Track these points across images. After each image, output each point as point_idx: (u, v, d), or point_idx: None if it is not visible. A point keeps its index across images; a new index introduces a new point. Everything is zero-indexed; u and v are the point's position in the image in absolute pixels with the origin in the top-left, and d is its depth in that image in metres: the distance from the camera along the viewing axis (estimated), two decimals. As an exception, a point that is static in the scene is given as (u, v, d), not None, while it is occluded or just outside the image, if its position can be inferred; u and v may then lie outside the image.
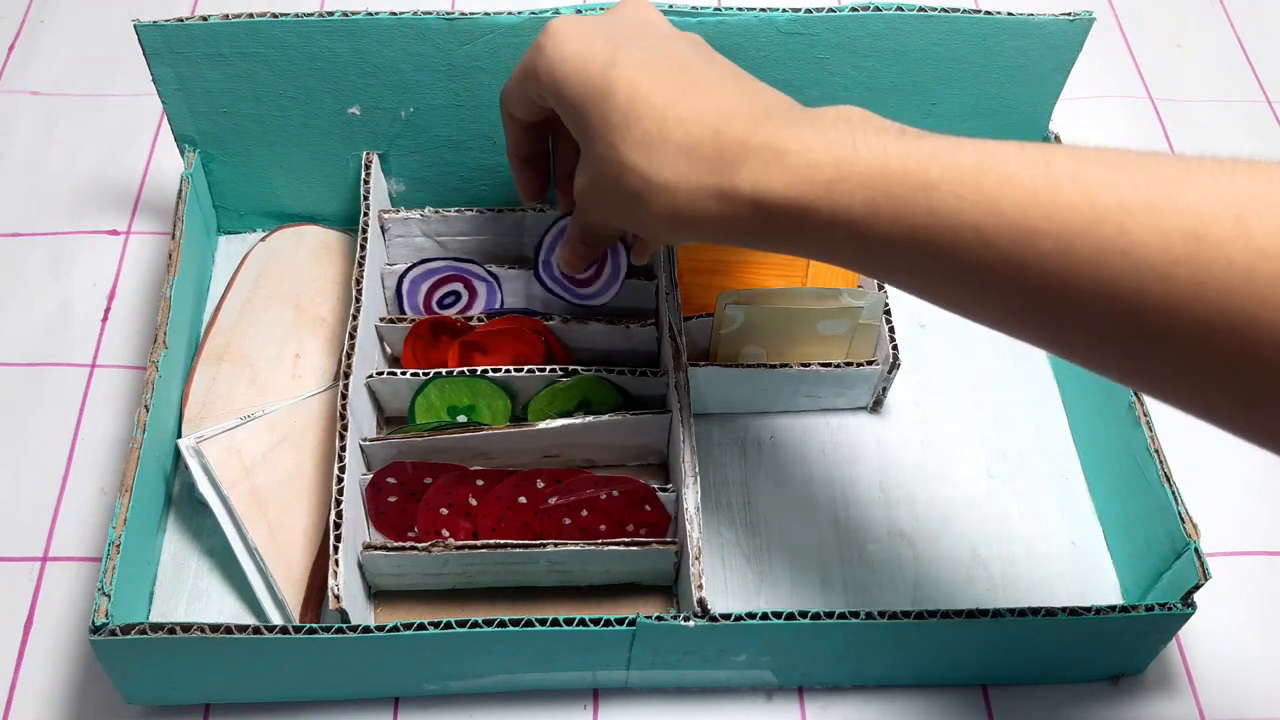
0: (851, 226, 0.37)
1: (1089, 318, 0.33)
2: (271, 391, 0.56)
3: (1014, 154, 0.35)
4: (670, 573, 0.53)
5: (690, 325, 0.57)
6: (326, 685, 0.50)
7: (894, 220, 0.36)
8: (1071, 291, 0.33)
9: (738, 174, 0.39)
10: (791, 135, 0.39)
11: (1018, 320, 0.36)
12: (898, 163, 0.36)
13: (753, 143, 0.39)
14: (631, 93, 0.42)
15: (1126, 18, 0.81)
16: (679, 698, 0.51)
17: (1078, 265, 0.33)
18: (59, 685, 0.51)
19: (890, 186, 0.36)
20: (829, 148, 0.38)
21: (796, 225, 0.39)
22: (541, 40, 0.45)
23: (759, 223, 0.40)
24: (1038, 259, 0.33)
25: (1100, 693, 0.53)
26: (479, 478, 0.53)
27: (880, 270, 0.39)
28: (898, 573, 0.55)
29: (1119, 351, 0.34)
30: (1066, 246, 0.33)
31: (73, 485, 0.57)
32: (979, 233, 0.34)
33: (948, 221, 0.35)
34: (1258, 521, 0.58)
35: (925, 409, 0.61)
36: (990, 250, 0.34)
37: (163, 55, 0.56)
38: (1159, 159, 0.33)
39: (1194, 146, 0.74)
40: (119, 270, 0.64)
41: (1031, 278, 0.34)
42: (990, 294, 0.36)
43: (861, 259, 0.39)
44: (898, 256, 0.37)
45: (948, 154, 0.36)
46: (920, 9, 0.57)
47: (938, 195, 0.35)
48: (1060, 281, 0.33)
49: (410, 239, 0.61)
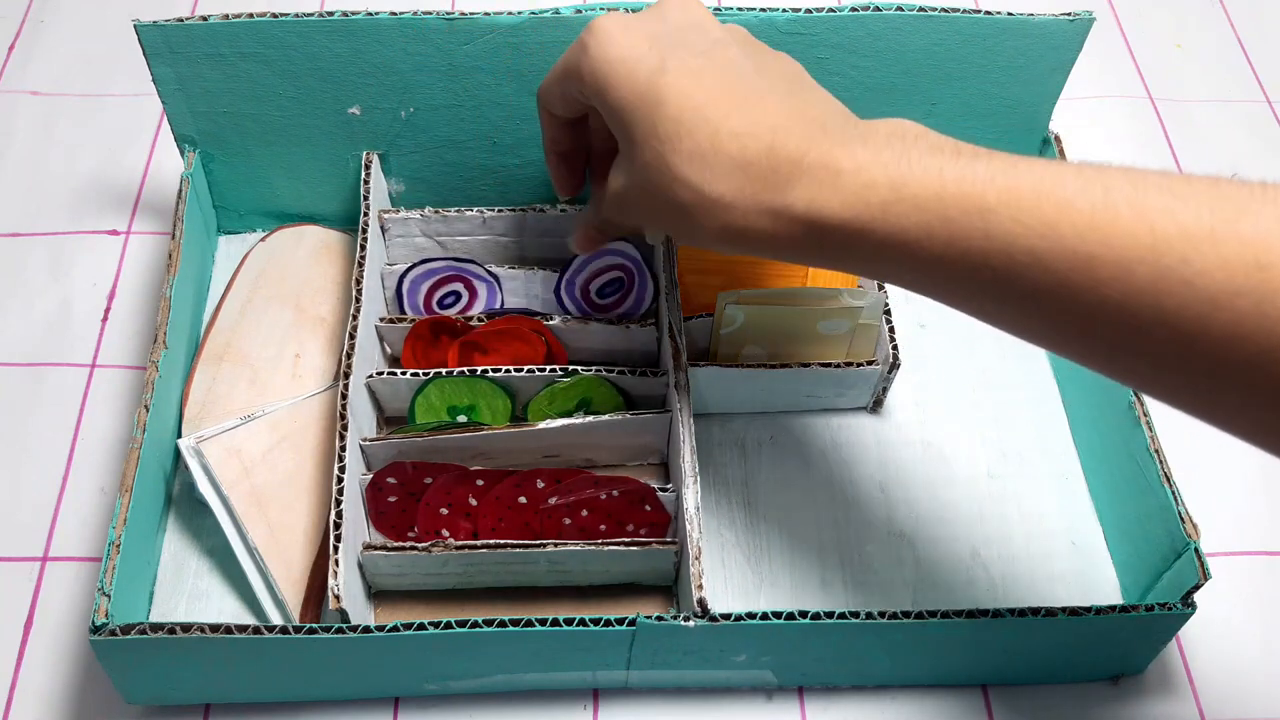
0: (906, 249, 0.37)
1: (1147, 345, 0.33)
2: (271, 391, 0.56)
3: (1072, 178, 0.34)
4: (670, 573, 0.53)
5: (690, 325, 0.57)
6: (326, 685, 0.50)
7: (949, 243, 0.36)
8: (1130, 318, 0.33)
9: (791, 192, 0.39)
10: (846, 154, 0.38)
11: (1074, 344, 0.36)
12: (954, 185, 0.36)
13: (807, 160, 0.39)
14: (683, 103, 0.41)
15: (1126, 18, 0.81)
16: (679, 698, 0.51)
17: (1137, 292, 0.32)
18: (59, 685, 0.51)
19: (946, 210, 0.36)
20: (884, 168, 0.37)
21: (850, 245, 0.38)
22: (585, 39, 0.44)
23: (811, 242, 0.39)
24: (1095, 285, 0.33)
25: (1100, 693, 0.53)
26: (479, 478, 0.53)
27: (934, 291, 0.39)
28: (898, 573, 0.55)
29: (1178, 379, 0.34)
30: (1126, 273, 0.33)
31: (73, 485, 0.57)
32: (1036, 257, 0.34)
33: (1004, 246, 0.35)
34: (1258, 521, 0.58)
35: (925, 409, 0.61)
36: (1047, 275, 0.34)
37: (163, 55, 0.56)
38: (1217, 185, 0.33)
39: (1194, 146, 0.74)
40: (119, 270, 0.64)
41: (1089, 304, 0.34)
42: (1046, 318, 0.35)
43: (916, 280, 0.39)
44: (953, 279, 0.37)
45: (1004, 176, 0.35)
46: (920, 9, 0.57)
47: (994, 219, 0.35)
48: (1119, 308, 0.33)
49: (410, 239, 0.61)
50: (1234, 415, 0.34)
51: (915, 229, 0.37)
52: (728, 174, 0.40)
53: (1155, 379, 0.35)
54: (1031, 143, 0.64)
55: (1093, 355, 0.36)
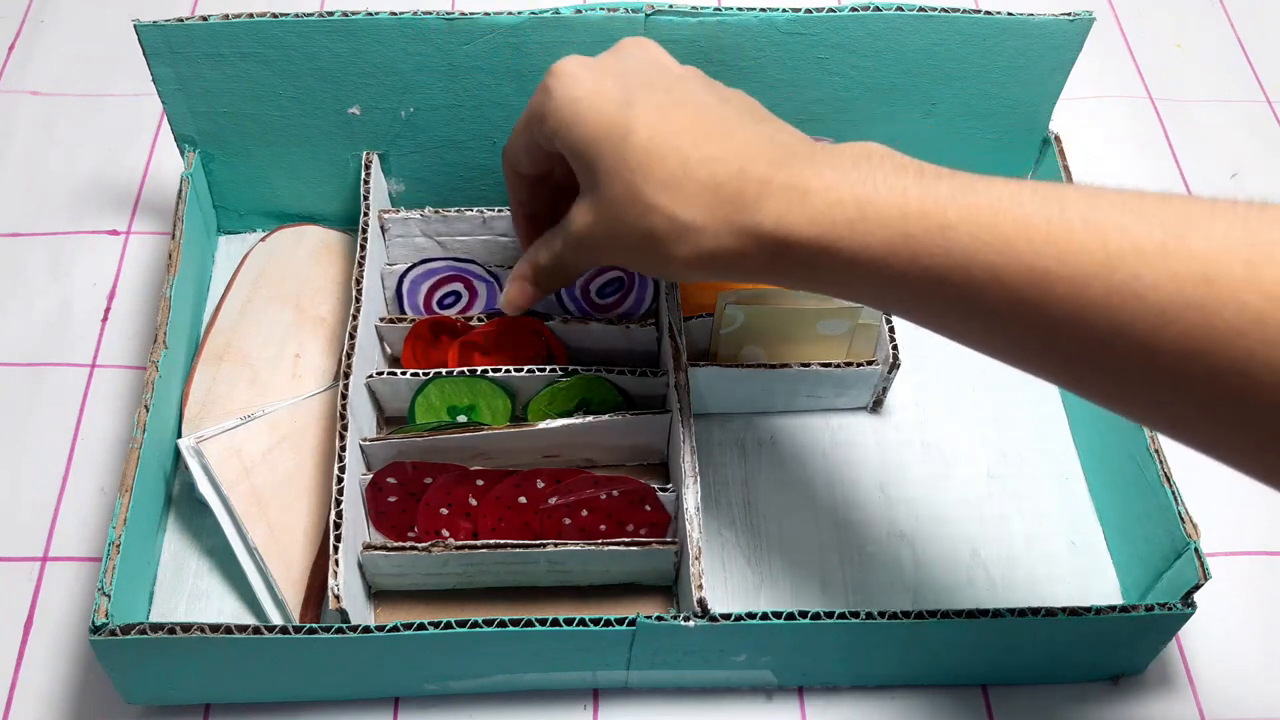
0: (871, 265, 0.38)
1: (1104, 359, 0.34)
2: (271, 391, 0.56)
3: (1029, 196, 0.35)
4: (670, 573, 0.53)
5: (690, 325, 0.57)
6: (326, 685, 0.50)
7: (911, 260, 0.37)
8: (1087, 333, 0.33)
9: (760, 211, 0.40)
10: (814, 174, 0.39)
11: (1035, 360, 0.37)
12: (916, 203, 0.37)
13: (776, 181, 0.40)
14: (653, 133, 0.42)
15: (1126, 18, 0.81)
16: (679, 698, 0.51)
17: (1092, 307, 0.33)
18: (59, 685, 0.51)
19: (908, 226, 0.37)
20: (850, 187, 0.38)
21: (817, 263, 0.39)
22: (548, 82, 0.45)
23: (780, 261, 0.40)
24: (1052, 301, 0.34)
25: (1100, 693, 0.53)
26: (479, 478, 0.53)
27: (897, 308, 0.39)
28: (898, 573, 0.55)
29: (1136, 393, 0.34)
30: (1080, 289, 0.33)
31: (73, 485, 0.57)
32: (994, 274, 0.35)
33: (963, 262, 0.35)
34: (1258, 521, 0.58)
35: (925, 409, 0.61)
36: (1005, 291, 0.35)
37: (163, 55, 0.56)
38: (1172, 201, 0.33)
39: (1194, 146, 0.74)
40: (119, 270, 0.65)
41: (1046, 319, 0.34)
42: (1006, 334, 0.36)
43: (879, 297, 0.39)
44: (916, 296, 0.37)
45: (964, 195, 0.36)
46: (920, 9, 0.57)
47: (954, 236, 0.36)
48: (1076, 323, 0.34)
49: (410, 239, 0.61)
50: (1191, 428, 0.34)
51: (879, 246, 0.37)
52: (699, 197, 0.41)
53: (1116, 394, 0.35)
54: (1031, 143, 0.64)
55: (1056, 371, 0.36)
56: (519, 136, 0.48)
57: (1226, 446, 0.34)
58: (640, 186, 0.42)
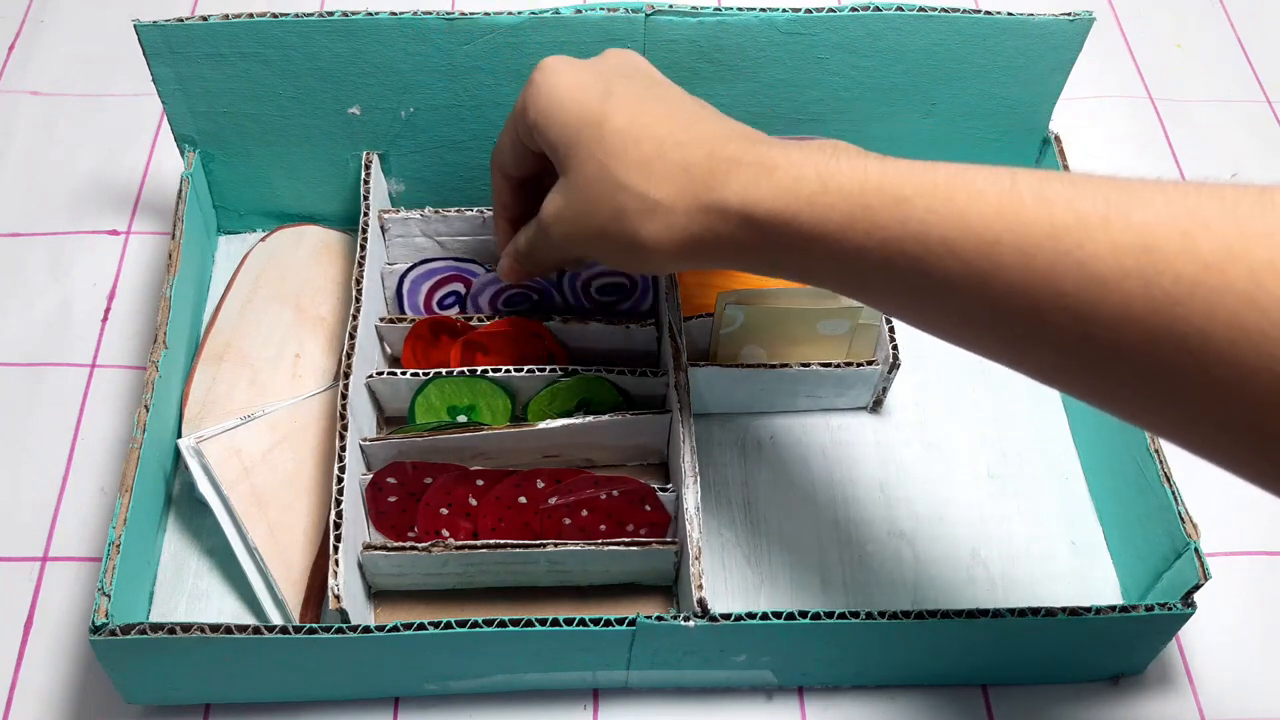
0: (829, 239, 0.39)
1: (1049, 330, 0.35)
2: (271, 391, 0.56)
3: (984, 174, 0.37)
4: (670, 573, 0.53)
5: (690, 325, 0.57)
6: (326, 685, 0.50)
7: (869, 233, 0.38)
8: (1031, 303, 0.34)
9: (728, 186, 0.41)
10: (781, 154, 0.41)
11: (984, 336, 0.38)
12: (876, 178, 0.38)
13: (745, 159, 0.41)
14: (630, 120, 0.44)
15: (1126, 18, 0.81)
16: (679, 698, 0.51)
17: (1038, 276, 0.34)
18: (59, 685, 0.51)
19: (867, 199, 0.38)
20: (814, 165, 0.40)
21: (779, 238, 0.40)
22: (534, 75, 0.47)
23: (745, 236, 0.41)
24: (1001, 271, 0.35)
25: (1100, 693, 0.53)
26: (479, 478, 0.53)
27: (856, 287, 0.40)
28: (898, 573, 0.55)
29: (1077, 365, 0.35)
30: (1028, 259, 0.34)
31: (73, 485, 0.57)
32: (948, 246, 0.36)
33: (918, 234, 0.37)
34: (1258, 521, 0.58)
35: (925, 409, 0.61)
36: (958, 262, 0.36)
37: (163, 55, 0.56)
38: (1121, 181, 0.34)
39: (1194, 146, 0.74)
40: (119, 270, 0.65)
41: (995, 290, 0.35)
42: (957, 308, 0.37)
43: (838, 275, 0.40)
44: (872, 270, 0.39)
45: (922, 173, 0.38)
46: (920, 9, 0.57)
47: (910, 209, 0.37)
48: (1022, 293, 0.35)
49: (410, 239, 0.61)
50: (1132, 404, 0.35)
51: (839, 217, 0.39)
52: (670, 178, 0.43)
53: (1059, 367, 0.36)
54: (1031, 143, 0.64)
55: (1003, 346, 0.37)
56: (505, 135, 0.50)
57: (1162, 420, 0.34)
58: (613, 168, 0.43)
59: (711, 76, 0.59)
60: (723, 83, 0.59)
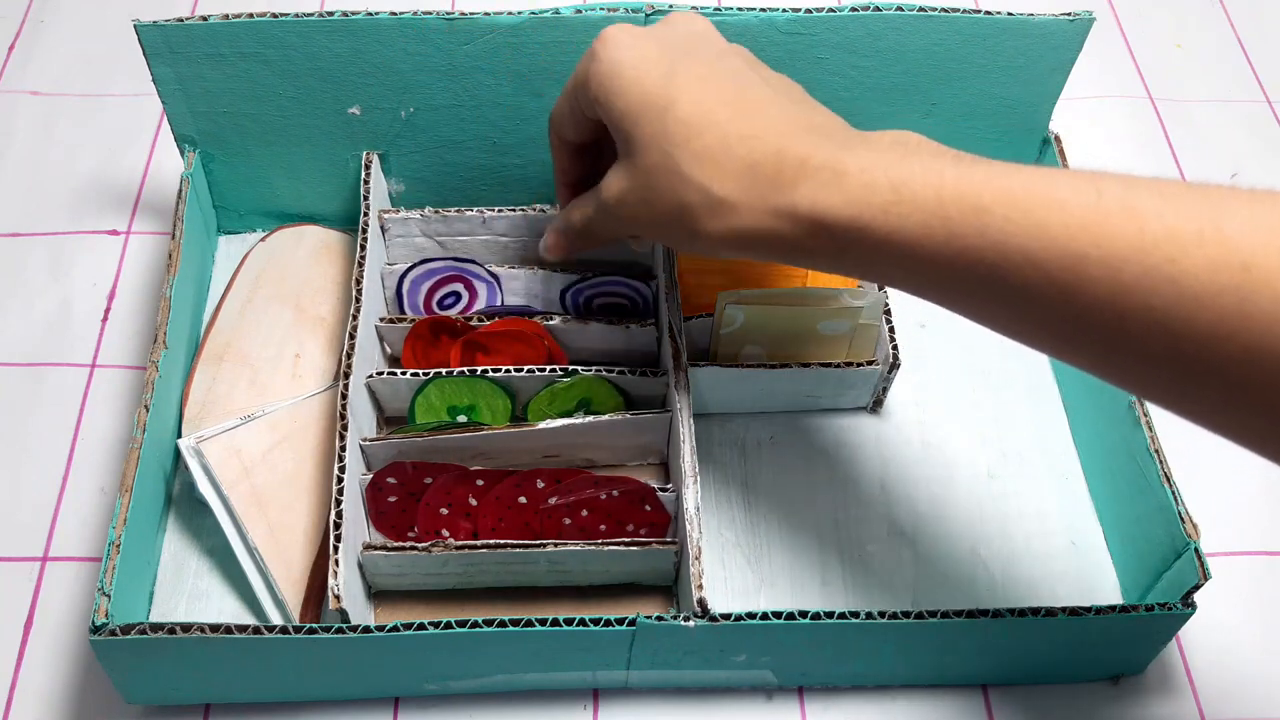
0: (905, 248, 0.38)
1: (1135, 343, 0.34)
2: (271, 391, 0.56)
3: (1065, 180, 0.35)
4: (670, 573, 0.53)
5: (690, 325, 0.57)
6: (326, 685, 0.50)
7: (946, 242, 0.37)
8: (1118, 317, 0.34)
9: (796, 192, 0.40)
10: (850, 157, 0.39)
11: (1066, 344, 0.37)
12: (952, 186, 0.37)
13: (813, 162, 0.40)
14: (693, 106, 0.42)
15: (1126, 18, 0.81)
16: (679, 698, 0.51)
17: (1125, 291, 0.33)
18: (59, 685, 0.51)
19: (944, 209, 0.37)
20: (886, 170, 0.38)
21: (850, 245, 0.39)
22: (596, 47, 0.45)
23: (813, 242, 0.40)
24: (1085, 284, 0.34)
25: (1100, 693, 0.53)
26: (479, 478, 0.53)
27: (931, 291, 0.39)
28: (898, 573, 0.55)
29: (1165, 377, 0.34)
30: (1114, 272, 0.33)
31: (73, 485, 0.57)
32: (1028, 256, 0.35)
33: (997, 244, 0.36)
34: (1258, 521, 0.58)
35: (925, 409, 0.61)
36: (1038, 274, 0.35)
37: (163, 55, 0.56)
38: (1208, 190, 0.33)
39: (1194, 146, 0.74)
40: (119, 270, 0.65)
41: (1079, 303, 0.34)
42: (1038, 318, 0.36)
43: (913, 280, 0.39)
44: (948, 278, 0.38)
45: (1000, 178, 0.36)
46: (920, 9, 0.57)
47: (989, 219, 0.36)
48: (1107, 307, 0.34)
49: (410, 239, 0.61)
50: (1218, 415, 0.34)
51: (914, 228, 0.37)
52: (735, 175, 0.41)
53: (1145, 379, 0.35)
54: (1031, 143, 0.64)
55: (1085, 356, 0.36)
56: (564, 101, 0.48)
57: (1254, 434, 0.34)
58: (677, 158, 0.42)
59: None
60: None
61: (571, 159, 0.51)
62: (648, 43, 0.44)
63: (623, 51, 0.44)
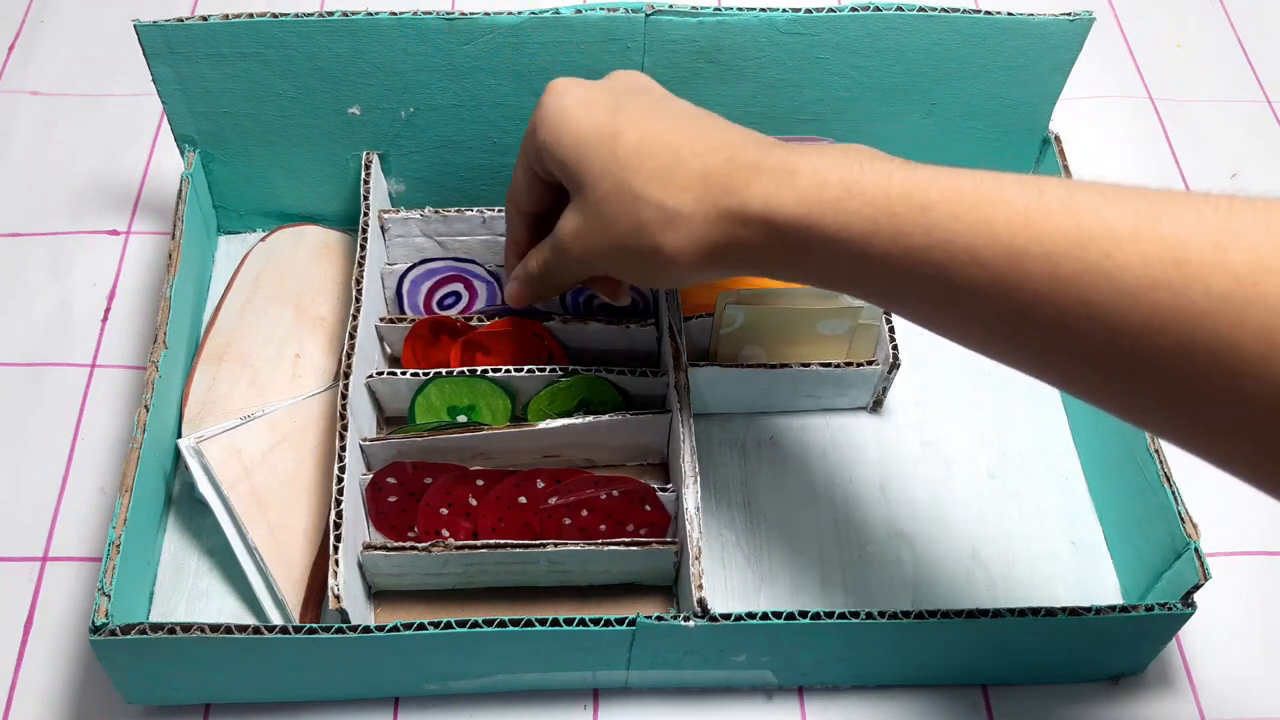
0: (853, 245, 0.39)
1: (1074, 339, 0.34)
2: (271, 391, 0.56)
3: (1010, 181, 0.36)
4: (670, 573, 0.53)
5: (690, 325, 0.57)
6: (326, 685, 0.50)
7: (893, 239, 0.38)
8: (1057, 313, 0.34)
9: (748, 192, 0.41)
10: (802, 159, 0.40)
11: (1006, 343, 0.37)
12: (900, 185, 0.38)
13: (766, 165, 0.41)
14: (642, 133, 0.44)
15: (1126, 18, 0.81)
16: (679, 698, 0.51)
17: (1064, 286, 0.34)
18: (59, 685, 0.51)
19: (892, 205, 0.38)
20: (837, 170, 0.39)
21: (802, 243, 0.40)
22: (543, 98, 0.47)
23: (767, 241, 0.41)
24: (1026, 280, 0.35)
25: (1100, 693, 0.53)
26: (479, 478, 0.53)
27: (878, 293, 0.40)
28: (898, 573, 0.55)
29: (1101, 375, 0.35)
30: (1054, 268, 0.34)
31: (73, 485, 0.57)
32: (972, 254, 0.36)
33: (943, 243, 0.36)
34: (1258, 521, 0.58)
35: (925, 409, 0.61)
36: (982, 270, 0.36)
37: (163, 55, 0.56)
38: (1148, 191, 0.34)
39: (1194, 146, 0.74)
40: (119, 270, 0.65)
41: (1020, 299, 0.35)
42: (981, 315, 0.37)
43: (863, 283, 0.40)
44: (895, 277, 0.38)
45: (947, 179, 0.37)
46: (920, 9, 0.57)
47: (935, 215, 0.37)
48: (1047, 302, 0.34)
49: (410, 239, 0.61)
50: (1154, 413, 0.35)
51: (863, 224, 0.38)
52: (688, 186, 0.42)
53: (1085, 378, 0.36)
54: (1031, 143, 0.64)
55: (1026, 354, 0.37)
56: (518, 169, 0.50)
57: (1187, 433, 0.34)
58: (629, 181, 0.43)
59: (711, 77, 0.59)
60: (723, 83, 0.59)
61: (526, 229, 0.52)
62: (593, 89, 0.46)
63: (569, 96, 0.46)
